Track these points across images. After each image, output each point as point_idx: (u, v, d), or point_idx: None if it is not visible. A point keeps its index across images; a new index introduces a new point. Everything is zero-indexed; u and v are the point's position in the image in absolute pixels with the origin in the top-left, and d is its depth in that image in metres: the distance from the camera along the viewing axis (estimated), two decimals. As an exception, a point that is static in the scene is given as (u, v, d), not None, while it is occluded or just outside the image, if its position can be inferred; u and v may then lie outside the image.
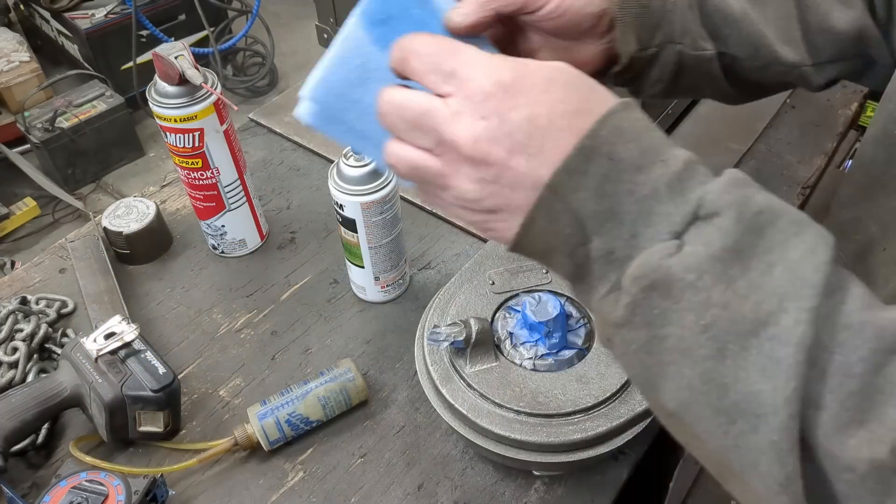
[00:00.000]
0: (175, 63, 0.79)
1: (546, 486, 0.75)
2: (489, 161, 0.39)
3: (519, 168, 0.38)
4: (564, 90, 0.39)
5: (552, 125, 0.38)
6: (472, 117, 0.38)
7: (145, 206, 0.97)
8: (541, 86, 0.39)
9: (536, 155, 0.38)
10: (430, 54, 0.40)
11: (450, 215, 0.48)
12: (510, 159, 0.38)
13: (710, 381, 0.35)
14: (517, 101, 0.38)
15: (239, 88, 3.03)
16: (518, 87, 0.38)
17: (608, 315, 0.38)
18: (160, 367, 0.75)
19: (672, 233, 0.36)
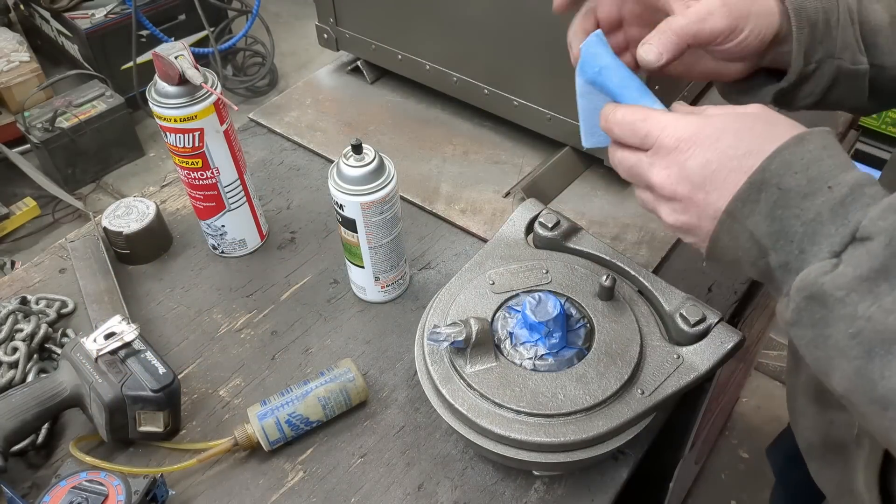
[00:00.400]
0: (175, 63, 0.79)
1: (546, 486, 0.75)
2: (677, 198, 0.51)
3: (700, 201, 0.50)
4: (735, 137, 0.48)
5: (722, 167, 0.48)
6: (660, 167, 0.51)
7: (145, 206, 0.97)
8: (713, 136, 0.49)
9: (713, 191, 0.49)
10: (628, 123, 0.53)
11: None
12: (693, 195, 0.50)
13: (862, 377, 0.43)
14: (693, 151, 0.49)
15: (239, 88, 3.03)
16: (693, 140, 0.49)
17: (782, 314, 0.47)
18: (160, 367, 0.75)
19: (832, 252, 0.44)
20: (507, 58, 1.03)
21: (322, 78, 1.29)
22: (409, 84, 1.22)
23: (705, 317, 0.73)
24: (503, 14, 0.98)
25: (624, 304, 0.76)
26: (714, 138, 0.49)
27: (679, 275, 0.94)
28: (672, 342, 0.74)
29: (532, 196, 0.91)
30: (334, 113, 1.21)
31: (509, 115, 1.09)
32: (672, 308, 0.75)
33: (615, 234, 0.99)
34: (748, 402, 2.01)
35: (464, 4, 1.01)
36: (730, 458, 1.90)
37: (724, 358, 0.72)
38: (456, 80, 1.11)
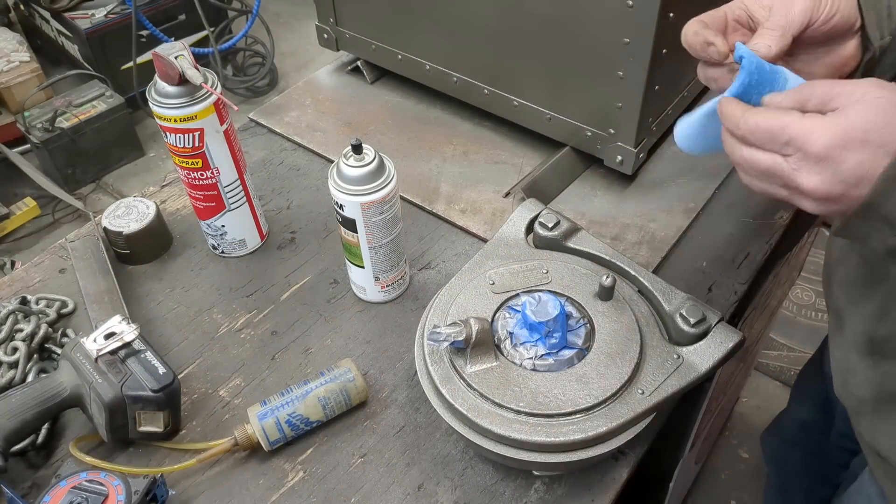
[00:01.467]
0: (175, 63, 0.79)
1: (546, 486, 0.75)
2: (831, 197, 0.52)
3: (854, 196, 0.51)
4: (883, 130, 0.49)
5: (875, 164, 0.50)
6: (810, 173, 0.52)
7: (145, 206, 0.97)
8: (860, 137, 0.50)
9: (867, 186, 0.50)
10: (765, 130, 0.53)
11: None
12: (848, 193, 0.51)
13: None
14: (845, 155, 0.50)
15: (239, 88, 3.03)
16: (843, 145, 0.50)
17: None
18: (160, 367, 0.75)
19: None
20: (507, 58, 1.03)
21: (322, 78, 1.29)
22: (409, 84, 1.22)
23: (705, 317, 0.73)
24: (503, 14, 0.98)
25: (624, 304, 0.76)
26: (862, 139, 0.50)
27: (679, 275, 0.94)
28: (672, 342, 0.74)
29: (532, 196, 0.91)
30: (334, 113, 1.21)
31: (509, 115, 1.09)
32: (672, 308, 0.75)
33: (615, 234, 0.99)
34: (748, 402, 2.01)
35: (464, 4, 1.01)
36: (730, 458, 1.90)
37: (724, 358, 0.72)
38: (456, 80, 1.11)
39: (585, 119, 1.00)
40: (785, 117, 0.53)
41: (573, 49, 0.94)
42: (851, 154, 0.50)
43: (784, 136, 0.52)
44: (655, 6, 0.82)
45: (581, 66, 0.95)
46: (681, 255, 0.98)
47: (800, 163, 0.52)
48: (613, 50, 0.89)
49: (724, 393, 1.33)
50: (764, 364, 2.07)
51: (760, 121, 0.54)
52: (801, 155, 0.52)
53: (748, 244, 0.99)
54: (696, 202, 1.03)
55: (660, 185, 1.06)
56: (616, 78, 0.92)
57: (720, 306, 0.91)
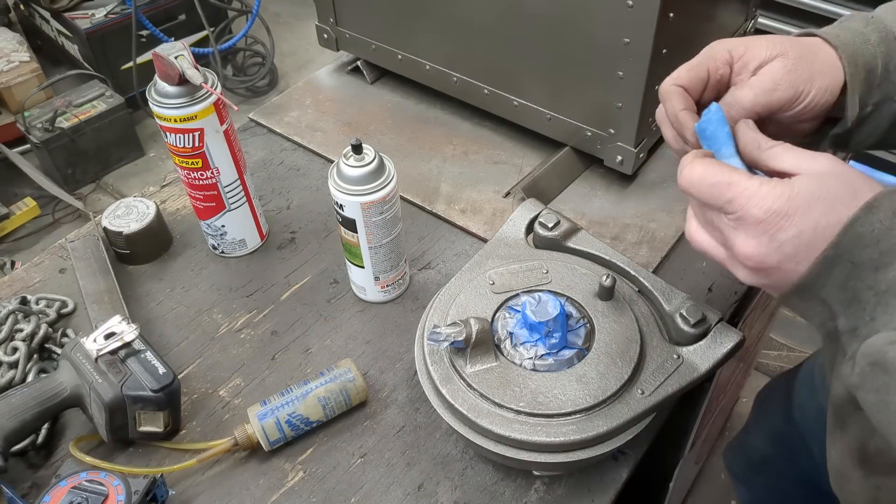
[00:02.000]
0: (175, 63, 0.79)
1: (546, 486, 0.75)
2: (761, 267, 0.50)
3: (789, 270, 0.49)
4: (825, 205, 0.47)
5: (816, 237, 0.47)
6: (747, 236, 0.50)
7: (145, 206, 0.97)
8: (804, 207, 0.47)
9: (803, 261, 0.48)
10: (710, 184, 0.51)
11: None
12: (782, 265, 0.49)
13: None
14: (784, 223, 0.48)
15: (239, 88, 3.03)
16: (785, 212, 0.48)
17: (847, 378, 0.48)
18: (160, 367, 0.75)
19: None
20: (507, 58, 1.03)
21: (322, 78, 1.29)
22: (409, 84, 1.22)
23: (705, 317, 0.73)
24: (503, 14, 0.98)
25: (624, 304, 0.76)
26: (806, 208, 0.47)
27: (679, 275, 0.95)
28: (672, 342, 0.74)
29: (532, 196, 0.91)
30: (334, 113, 1.21)
31: (509, 115, 1.09)
32: (672, 308, 0.75)
33: (615, 234, 0.99)
34: (748, 402, 2.00)
35: (464, 4, 1.01)
36: (730, 458, 1.90)
37: (724, 358, 0.72)
38: (456, 80, 1.11)
39: (585, 119, 1.00)
40: (732, 174, 0.51)
41: (573, 49, 0.94)
42: (792, 224, 0.48)
43: (728, 194, 0.50)
44: (655, 6, 0.82)
45: (581, 66, 0.95)
46: (681, 255, 0.98)
47: (738, 223, 0.50)
48: (613, 50, 0.89)
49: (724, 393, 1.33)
50: (764, 364, 2.07)
51: (709, 173, 0.51)
52: (742, 215, 0.49)
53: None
54: (696, 202, 1.03)
55: (660, 185, 1.06)
56: (616, 78, 0.92)
57: (720, 306, 0.91)
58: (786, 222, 0.48)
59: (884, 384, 0.45)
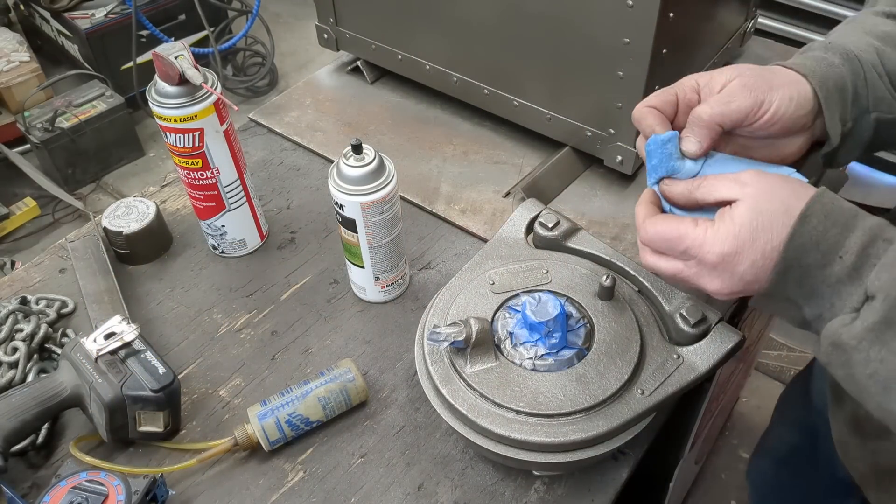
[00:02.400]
0: (175, 63, 0.79)
1: (546, 486, 0.75)
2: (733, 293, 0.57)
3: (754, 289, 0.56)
4: (766, 231, 0.54)
5: (766, 260, 0.54)
6: (710, 277, 0.57)
7: (145, 206, 0.97)
8: (749, 239, 0.54)
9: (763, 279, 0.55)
10: (664, 240, 0.58)
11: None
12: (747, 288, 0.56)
13: (883, 409, 0.51)
14: (738, 259, 0.55)
15: (239, 88, 3.03)
16: (735, 252, 0.54)
17: (818, 357, 0.55)
18: (160, 367, 0.75)
19: (853, 308, 0.51)
20: (507, 58, 1.03)
21: (322, 78, 1.29)
22: (409, 84, 1.22)
23: (705, 317, 0.73)
24: (503, 14, 0.98)
25: (624, 304, 0.76)
26: (751, 240, 0.54)
27: (679, 275, 0.94)
28: (672, 342, 0.74)
29: (532, 196, 0.91)
30: (334, 113, 1.21)
31: (509, 115, 1.09)
32: (672, 308, 0.75)
33: (615, 234, 0.99)
34: (748, 402, 2.01)
35: (464, 4, 1.01)
36: (730, 458, 1.90)
37: (724, 358, 0.72)
38: (456, 80, 1.11)
39: (585, 119, 1.00)
40: (680, 227, 0.57)
41: (573, 49, 0.94)
42: (744, 258, 0.54)
43: (681, 246, 0.57)
44: (655, 6, 0.82)
45: (581, 66, 0.95)
46: (681, 255, 0.98)
47: (699, 269, 0.57)
48: (613, 50, 0.89)
49: (724, 393, 1.33)
50: (764, 364, 2.07)
51: (659, 230, 0.58)
52: (698, 262, 0.57)
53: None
54: (696, 202, 1.03)
55: (660, 185, 1.06)
56: (616, 78, 0.92)
57: (720, 306, 0.91)
58: (738, 258, 0.54)
59: (845, 360, 0.52)
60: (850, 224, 0.52)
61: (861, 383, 0.52)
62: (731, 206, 0.55)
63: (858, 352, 0.50)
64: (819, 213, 0.53)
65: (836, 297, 0.52)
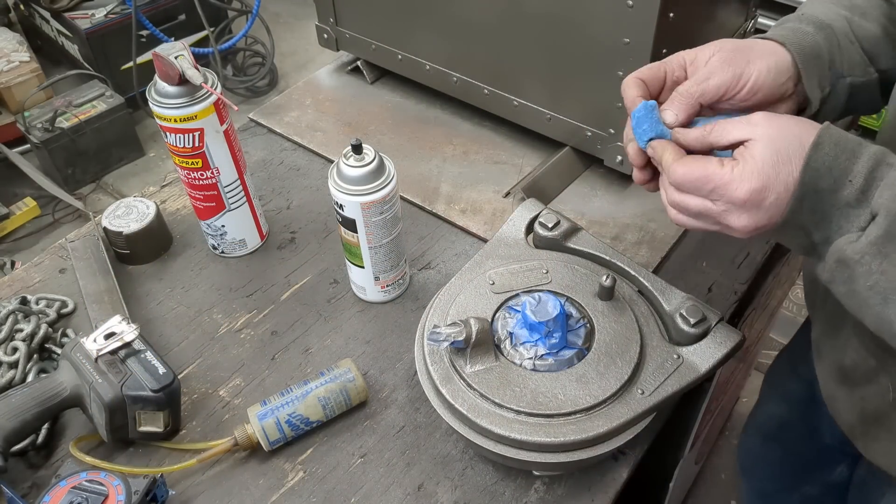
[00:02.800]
0: (175, 63, 0.79)
1: (546, 486, 0.75)
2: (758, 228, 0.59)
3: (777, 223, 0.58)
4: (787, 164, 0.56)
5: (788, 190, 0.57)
6: (738, 214, 0.58)
7: (145, 206, 0.97)
8: (773, 174, 0.56)
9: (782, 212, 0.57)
10: (691, 181, 0.59)
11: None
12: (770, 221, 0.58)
13: (882, 320, 0.55)
14: (766, 194, 0.57)
15: (239, 88, 3.03)
16: (763, 187, 0.56)
17: (821, 276, 0.59)
18: (160, 367, 0.75)
19: (860, 228, 0.55)
20: (507, 58, 1.03)
21: (322, 78, 1.29)
22: (409, 84, 1.22)
23: (705, 317, 0.73)
24: (503, 14, 0.98)
25: (624, 304, 0.76)
26: (775, 174, 0.56)
27: (679, 275, 0.94)
28: (672, 342, 0.74)
29: (532, 196, 0.91)
30: (334, 113, 1.21)
31: (509, 115, 1.09)
32: (672, 308, 0.75)
33: (615, 234, 0.99)
34: (748, 402, 2.00)
35: (464, 4, 1.01)
36: (730, 458, 1.90)
37: (724, 358, 0.72)
38: (456, 80, 1.11)
39: (585, 119, 1.00)
40: (707, 167, 0.58)
41: (573, 49, 0.94)
42: (771, 192, 0.57)
43: (709, 185, 0.58)
44: (655, 6, 0.82)
45: (581, 66, 0.95)
46: (681, 255, 0.98)
47: (727, 206, 0.59)
48: (613, 50, 0.89)
49: (724, 393, 1.33)
50: (764, 364, 2.06)
51: (686, 171, 0.60)
52: (727, 201, 0.58)
53: (748, 244, 0.99)
54: (696, 202, 1.03)
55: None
56: (616, 78, 0.92)
57: (720, 306, 0.91)
58: (766, 192, 0.57)
59: (848, 276, 0.56)
60: (857, 151, 0.55)
61: (862, 296, 0.55)
62: (747, 146, 0.57)
63: (861, 265, 0.54)
64: (829, 141, 0.56)
65: (845, 219, 0.56)
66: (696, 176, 0.59)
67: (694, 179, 0.59)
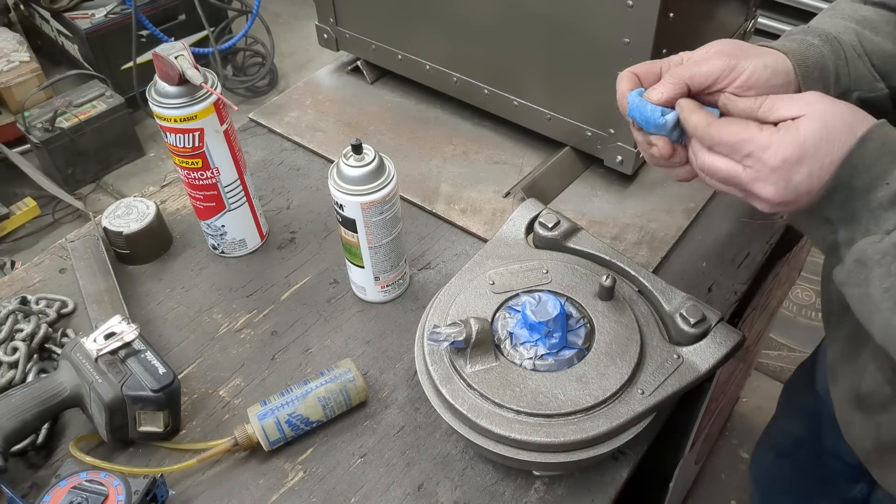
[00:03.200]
0: (175, 63, 0.79)
1: (546, 486, 0.75)
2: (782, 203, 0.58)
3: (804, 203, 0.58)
4: (828, 144, 0.55)
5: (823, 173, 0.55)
6: (766, 182, 0.57)
7: (145, 206, 0.97)
8: (811, 150, 0.55)
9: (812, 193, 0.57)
10: (728, 142, 0.58)
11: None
12: (798, 199, 0.57)
13: (890, 327, 0.54)
14: (797, 168, 0.56)
15: (239, 88, 3.03)
16: (798, 158, 0.55)
17: (838, 277, 0.58)
18: (160, 367, 0.75)
19: (887, 230, 0.54)
20: (507, 58, 1.03)
21: (322, 78, 1.29)
22: (409, 84, 1.22)
23: (705, 317, 0.73)
24: (503, 14, 0.98)
25: (624, 304, 0.76)
26: (814, 150, 0.55)
27: (679, 275, 0.94)
28: (672, 342, 0.74)
29: (532, 196, 0.91)
30: (334, 113, 1.21)
31: (509, 115, 1.09)
32: (672, 308, 0.75)
33: (615, 234, 0.99)
34: (748, 402, 2.00)
35: (464, 4, 1.01)
36: (730, 458, 1.90)
37: (724, 358, 0.72)
38: (456, 80, 1.11)
39: (585, 119, 1.00)
40: (747, 130, 0.58)
41: (573, 49, 0.94)
42: (802, 167, 0.55)
43: (746, 149, 0.57)
44: (655, 6, 0.82)
45: (581, 66, 0.95)
46: (681, 255, 0.98)
47: (757, 173, 0.57)
48: (613, 50, 0.89)
49: (724, 393, 1.33)
50: (764, 364, 2.07)
51: (727, 132, 0.59)
52: (759, 167, 0.57)
53: (748, 244, 0.99)
54: (696, 202, 1.03)
55: (660, 185, 1.06)
56: (616, 78, 0.92)
57: (720, 306, 0.91)
58: (798, 166, 0.55)
59: (864, 278, 0.55)
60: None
61: (874, 299, 0.54)
62: (796, 120, 0.56)
63: (880, 266, 0.53)
64: (878, 139, 0.55)
65: (873, 221, 0.55)
66: (736, 138, 0.58)
67: (734, 141, 0.58)
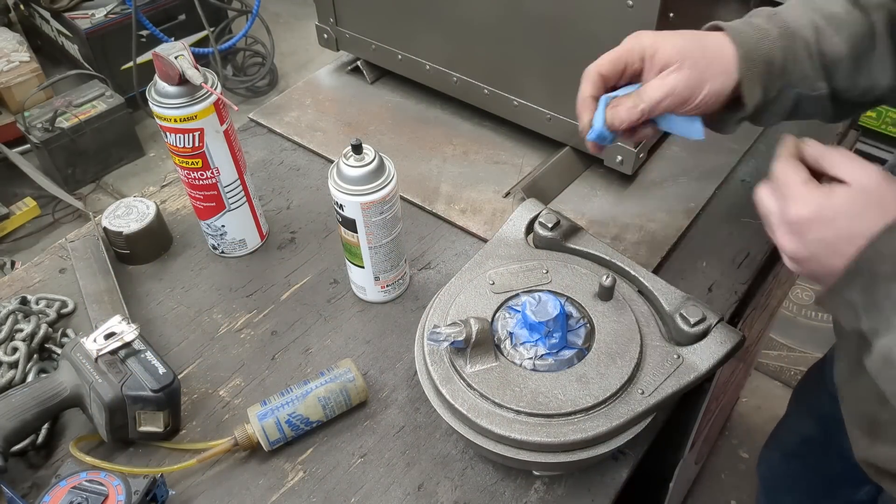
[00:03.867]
0: (175, 63, 0.79)
1: (546, 486, 0.75)
2: (795, 258, 0.59)
3: (815, 268, 0.58)
4: (848, 220, 0.55)
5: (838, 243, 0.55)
6: (783, 232, 0.59)
7: (145, 206, 0.97)
8: (829, 217, 0.55)
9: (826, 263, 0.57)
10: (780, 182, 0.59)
11: None
12: (808, 262, 0.58)
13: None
14: (812, 228, 0.56)
15: (239, 88, 3.03)
16: (812, 220, 0.56)
17: (867, 366, 0.57)
18: (160, 367, 0.75)
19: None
20: (507, 58, 1.03)
21: (322, 78, 1.29)
22: (409, 84, 1.22)
23: (705, 317, 0.73)
24: (503, 14, 0.98)
25: (624, 304, 0.76)
26: (830, 219, 0.56)
27: (679, 275, 0.94)
28: (672, 342, 0.74)
29: (532, 196, 0.91)
30: (334, 113, 1.21)
31: (509, 115, 1.09)
32: (672, 308, 0.75)
33: (615, 234, 0.99)
34: (748, 402, 2.01)
35: (464, 4, 1.01)
36: (730, 458, 1.90)
37: (724, 358, 0.72)
38: (456, 80, 1.11)
39: (585, 119, 1.00)
40: (796, 176, 0.59)
41: (573, 49, 0.94)
42: (816, 230, 0.56)
43: (783, 192, 0.59)
44: (655, 6, 0.82)
45: (581, 66, 0.95)
46: (681, 255, 0.98)
47: (780, 220, 0.59)
48: (613, 50, 0.89)
49: (724, 393, 1.33)
50: (764, 364, 2.07)
51: (783, 169, 0.60)
52: (783, 215, 0.59)
53: (748, 244, 0.99)
54: (696, 202, 1.03)
55: (660, 185, 1.06)
56: (616, 78, 0.92)
57: (720, 306, 0.91)
58: (810, 226, 0.56)
59: (893, 377, 0.54)
60: None
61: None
62: (840, 184, 0.56)
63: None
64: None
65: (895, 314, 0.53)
66: (784, 180, 0.59)
67: (782, 182, 0.59)
